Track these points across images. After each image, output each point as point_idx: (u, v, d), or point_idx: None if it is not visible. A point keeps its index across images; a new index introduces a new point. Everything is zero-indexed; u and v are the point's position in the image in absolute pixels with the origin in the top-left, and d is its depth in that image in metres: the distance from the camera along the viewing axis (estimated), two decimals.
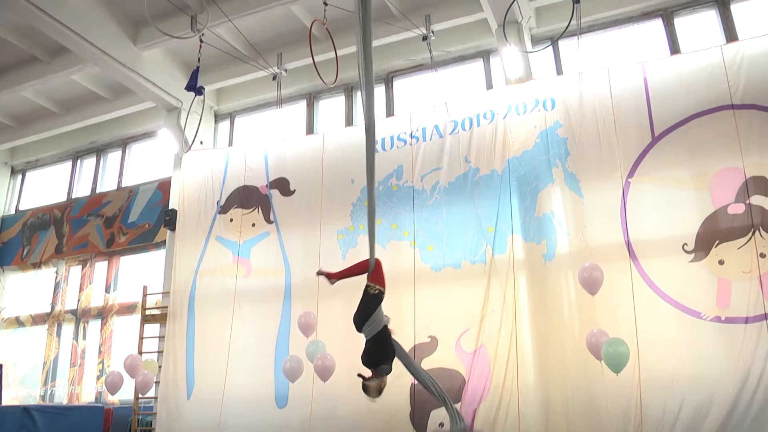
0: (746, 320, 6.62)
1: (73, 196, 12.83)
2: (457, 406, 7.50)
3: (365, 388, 5.08)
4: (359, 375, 5.11)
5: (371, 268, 5.40)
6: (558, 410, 7.12)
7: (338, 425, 7.97)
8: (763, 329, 6.52)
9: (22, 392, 12.18)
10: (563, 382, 7.15)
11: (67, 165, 13.18)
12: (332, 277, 5.73)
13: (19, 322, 12.78)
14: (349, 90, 10.34)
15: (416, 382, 7.68)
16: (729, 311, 6.72)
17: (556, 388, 7.18)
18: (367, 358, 5.14)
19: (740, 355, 6.52)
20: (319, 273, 5.84)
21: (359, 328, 5.22)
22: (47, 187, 13.36)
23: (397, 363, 7.67)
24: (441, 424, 7.51)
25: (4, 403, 10.73)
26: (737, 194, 6.99)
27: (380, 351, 5.17)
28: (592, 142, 7.78)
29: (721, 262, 6.89)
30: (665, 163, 7.39)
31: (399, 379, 7.83)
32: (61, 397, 11.72)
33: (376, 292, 5.27)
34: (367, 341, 5.21)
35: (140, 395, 9.38)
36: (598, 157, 7.71)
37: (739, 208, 6.94)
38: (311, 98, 10.69)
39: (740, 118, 7.15)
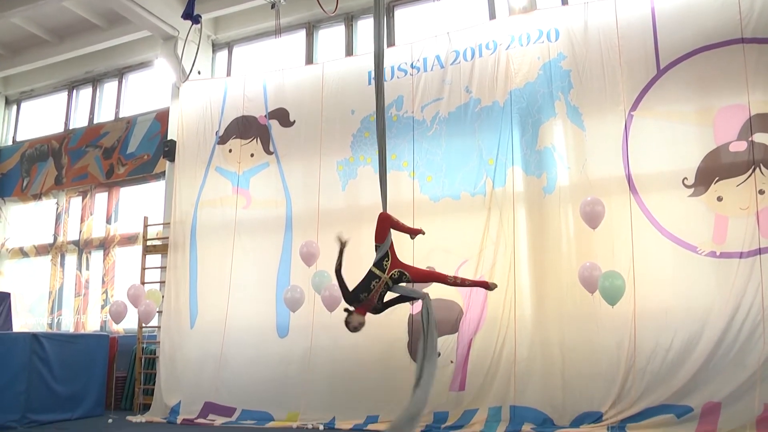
0: (740, 255, 6.70)
1: (71, 127, 12.75)
2: (455, 336, 7.71)
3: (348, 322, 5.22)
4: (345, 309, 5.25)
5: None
6: (553, 341, 7.29)
7: (338, 355, 8.18)
8: (756, 264, 6.60)
9: (30, 320, 12.47)
10: (559, 314, 7.30)
11: (63, 95, 13.02)
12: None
13: (23, 253, 12.94)
14: (349, 19, 10.08)
15: (414, 313, 7.87)
16: (724, 246, 6.79)
17: (552, 320, 7.33)
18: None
19: (732, 288, 6.64)
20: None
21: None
22: (44, 117, 13.24)
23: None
24: (438, 354, 7.68)
25: (15, 330, 11.01)
26: (740, 132, 6.92)
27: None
28: (596, 75, 7.65)
29: (719, 199, 6.91)
30: (669, 98, 7.28)
31: (397, 310, 8.00)
32: (67, 326, 12.00)
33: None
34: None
35: (144, 324, 9.59)
36: (601, 90, 7.60)
37: (740, 146, 6.89)
38: (311, 27, 10.44)
39: (749, 53, 6.97)
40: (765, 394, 6.26)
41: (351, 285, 5.34)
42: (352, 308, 5.24)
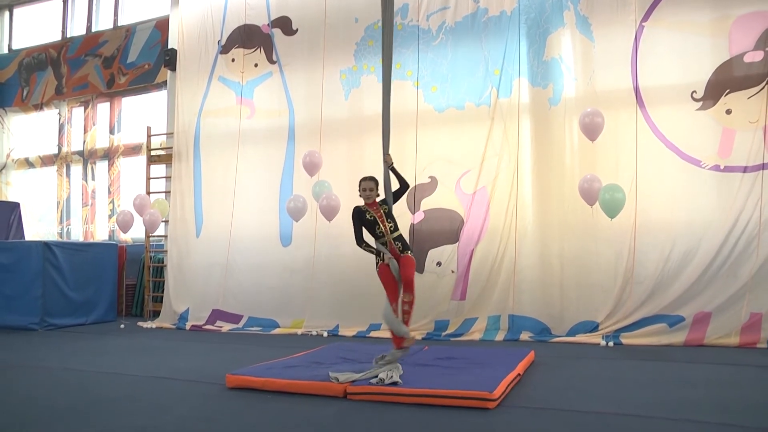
0: (744, 170, 6.69)
1: (68, 36, 12.46)
2: (455, 246, 7.83)
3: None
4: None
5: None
6: (553, 252, 7.42)
7: (341, 262, 8.34)
8: (758, 179, 6.61)
9: (41, 230, 12.71)
10: (560, 226, 7.38)
11: (59, 2, 12.65)
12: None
13: (29, 163, 13.01)
14: None
15: (415, 222, 7.96)
16: (729, 160, 6.77)
17: (553, 231, 7.43)
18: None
19: (733, 203, 6.68)
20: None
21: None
22: (40, 25, 12.92)
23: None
24: (439, 263, 7.86)
25: (27, 239, 11.23)
26: (757, 41, 6.72)
27: None
28: None
29: (728, 112, 6.81)
30: (683, 7, 7.06)
31: (399, 219, 8.09)
32: (76, 235, 12.24)
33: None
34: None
35: (150, 234, 9.75)
36: (612, 0, 7.34)
37: (756, 56, 6.71)
38: None
39: None
40: (752, 303, 6.43)
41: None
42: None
